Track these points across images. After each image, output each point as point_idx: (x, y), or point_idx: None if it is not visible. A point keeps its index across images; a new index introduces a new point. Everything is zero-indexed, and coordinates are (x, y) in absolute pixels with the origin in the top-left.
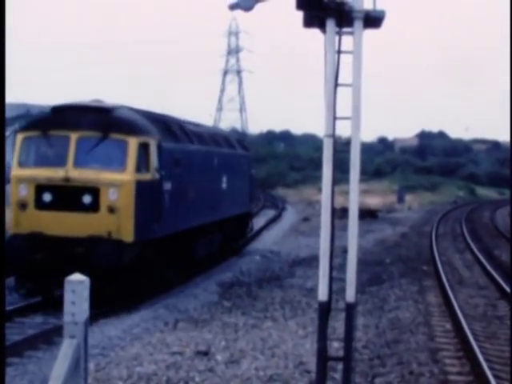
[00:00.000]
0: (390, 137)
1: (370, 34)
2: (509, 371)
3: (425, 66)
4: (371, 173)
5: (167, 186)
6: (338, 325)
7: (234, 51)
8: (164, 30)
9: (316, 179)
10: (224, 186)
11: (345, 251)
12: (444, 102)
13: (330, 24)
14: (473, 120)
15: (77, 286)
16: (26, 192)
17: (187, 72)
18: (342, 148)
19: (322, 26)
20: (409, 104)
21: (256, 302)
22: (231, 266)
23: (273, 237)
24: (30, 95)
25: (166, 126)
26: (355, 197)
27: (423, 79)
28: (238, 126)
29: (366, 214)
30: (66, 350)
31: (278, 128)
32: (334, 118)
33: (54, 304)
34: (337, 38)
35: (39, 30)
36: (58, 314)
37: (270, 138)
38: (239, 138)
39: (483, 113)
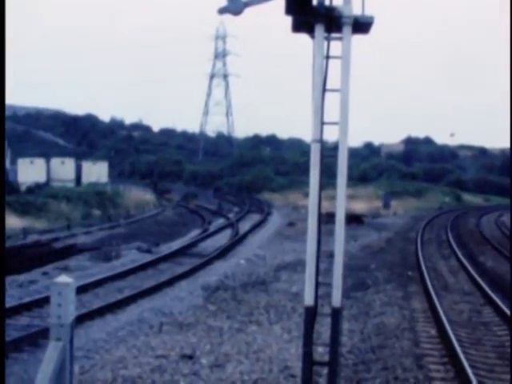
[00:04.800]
0: (377, 142)
1: (358, 39)
2: (494, 377)
3: (412, 73)
4: (357, 178)
5: None
6: (322, 330)
7: (220, 55)
8: (150, 34)
9: (302, 184)
10: None
11: (330, 256)
12: (430, 108)
13: (319, 29)
14: (459, 126)
15: (63, 288)
16: None
17: (174, 76)
18: (328, 153)
19: (310, 31)
20: (395, 110)
21: (241, 306)
22: (216, 269)
23: (258, 241)
24: None
25: None
26: (342, 202)
27: (410, 85)
28: (225, 130)
29: (352, 219)
30: (52, 352)
31: (264, 132)
32: (322, 123)
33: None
34: (325, 43)
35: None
36: (43, 316)
37: (256, 142)
38: None
39: (470, 119)
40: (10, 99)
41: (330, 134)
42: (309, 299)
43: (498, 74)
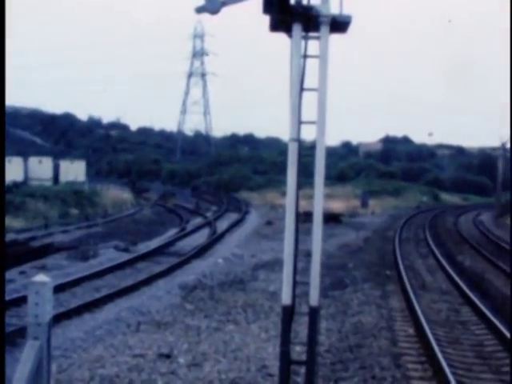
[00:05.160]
0: (354, 141)
1: (335, 37)
2: (472, 376)
3: (390, 72)
4: (335, 177)
5: None
6: (300, 329)
7: (198, 54)
8: (127, 32)
9: (279, 183)
10: None
11: (308, 255)
12: (409, 108)
13: (297, 28)
14: (437, 125)
15: (40, 287)
16: None
17: (151, 75)
18: (306, 152)
19: (288, 30)
20: (373, 109)
21: (219, 305)
22: (194, 268)
23: (236, 240)
24: None
25: None
26: (319, 201)
27: (388, 85)
28: (202, 129)
29: (330, 219)
30: (29, 351)
31: (241, 131)
32: (299, 123)
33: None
34: (303, 42)
35: None
36: (21, 315)
37: (234, 141)
38: None
39: (448, 118)
40: None
41: (308, 133)
42: (286, 298)
43: (479, 73)
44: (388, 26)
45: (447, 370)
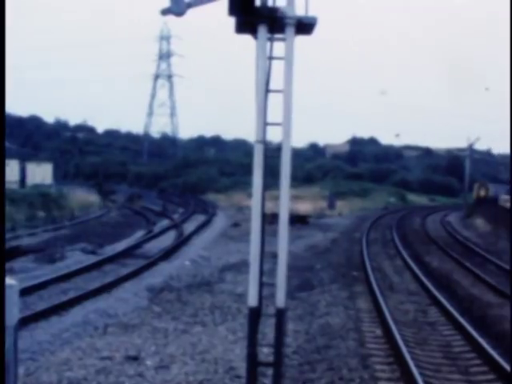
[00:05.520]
0: (321, 143)
1: (301, 39)
2: (439, 377)
3: (357, 73)
4: (302, 179)
5: None
6: (267, 330)
7: (165, 56)
8: (93, 33)
9: (246, 185)
10: None
11: (275, 256)
12: (375, 109)
13: (262, 30)
14: (404, 126)
15: (7, 290)
16: None
17: (118, 77)
18: (272, 154)
19: (253, 32)
20: (340, 110)
21: (186, 307)
22: (161, 270)
23: (203, 242)
24: None
25: None
26: (286, 202)
27: (353, 85)
28: (169, 131)
29: (297, 220)
30: None
31: (208, 133)
32: (265, 124)
33: None
34: (268, 44)
35: None
36: None
37: (201, 143)
38: None
39: (415, 119)
40: None
41: (275, 135)
42: (252, 300)
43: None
44: (353, 27)
45: (415, 370)
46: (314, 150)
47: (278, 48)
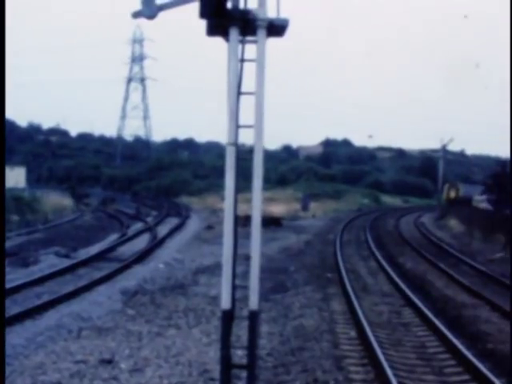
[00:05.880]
0: (295, 145)
1: (273, 41)
2: (414, 378)
3: (329, 74)
4: (275, 181)
5: None
6: (242, 332)
7: (138, 59)
8: (67, 37)
9: (220, 187)
10: None
11: (248, 259)
12: (348, 110)
13: (233, 32)
14: (377, 128)
15: None
16: None
17: (91, 80)
18: (245, 156)
19: (225, 35)
20: (313, 112)
21: (160, 309)
22: (135, 273)
23: (176, 245)
24: None
25: None
26: (258, 204)
27: (328, 87)
28: (142, 134)
29: (271, 222)
30: None
31: (181, 136)
32: (237, 127)
33: None
34: (240, 46)
35: None
36: None
37: (174, 145)
38: None
39: (388, 120)
40: None
41: (248, 137)
42: (225, 302)
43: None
44: (324, 28)
45: (389, 372)
46: (288, 151)
47: (250, 50)
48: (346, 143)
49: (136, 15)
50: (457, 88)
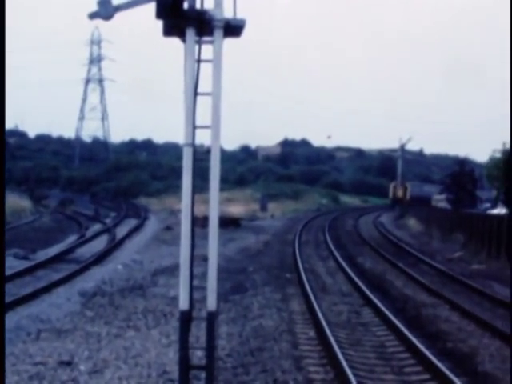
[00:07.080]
0: (253, 145)
1: (230, 41)
2: (373, 378)
3: (287, 74)
4: (234, 181)
5: None
6: (201, 333)
7: (96, 60)
8: (23, 37)
9: (178, 188)
10: None
11: (207, 259)
12: (306, 110)
13: (190, 33)
14: (336, 128)
15: None
16: None
17: (49, 81)
18: (202, 157)
19: (182, 35)
20: (272, 112)
21: (119, 311)
22: (93, 275)
23: (135, 246)
24: None
25: None
26: (215, 205)
27: (285, 87)
28: (100, 135)
29: (229, 223)
30: None
31: (140, 137)
32: (194, 127)
33: None
34: (197, 46)
35: None
36: None
37: (132, 146)
38: None
39: (346, 121)
40: None
41: (206, 138)
42: (183, 303)
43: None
44: (283, 28)
45: (349, 371)
46: (246, 152)
47: (207, 51)
48: (304, 143)
49: (92, 16)
50: (417, 87)
